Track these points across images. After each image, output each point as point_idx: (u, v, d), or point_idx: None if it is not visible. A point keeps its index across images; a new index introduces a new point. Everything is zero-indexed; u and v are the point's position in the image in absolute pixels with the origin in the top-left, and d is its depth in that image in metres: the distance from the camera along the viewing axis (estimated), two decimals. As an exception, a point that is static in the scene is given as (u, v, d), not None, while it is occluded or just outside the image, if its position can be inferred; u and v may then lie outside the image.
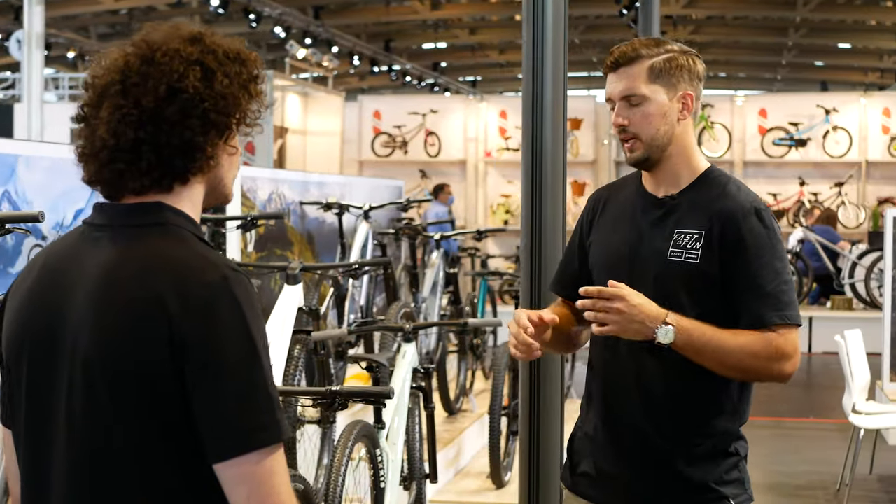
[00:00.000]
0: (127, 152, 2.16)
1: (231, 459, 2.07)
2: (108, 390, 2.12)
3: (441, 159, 19.54)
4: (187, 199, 2.25)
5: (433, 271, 9.14)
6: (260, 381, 2.10)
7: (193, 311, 2.08)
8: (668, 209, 3.29)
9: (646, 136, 3.26)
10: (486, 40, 27.16)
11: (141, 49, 2.20)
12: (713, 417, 3.24)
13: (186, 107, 2.17)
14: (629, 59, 3.27)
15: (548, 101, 5.02)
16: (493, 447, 7.50)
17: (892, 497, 8.43)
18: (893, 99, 19.96)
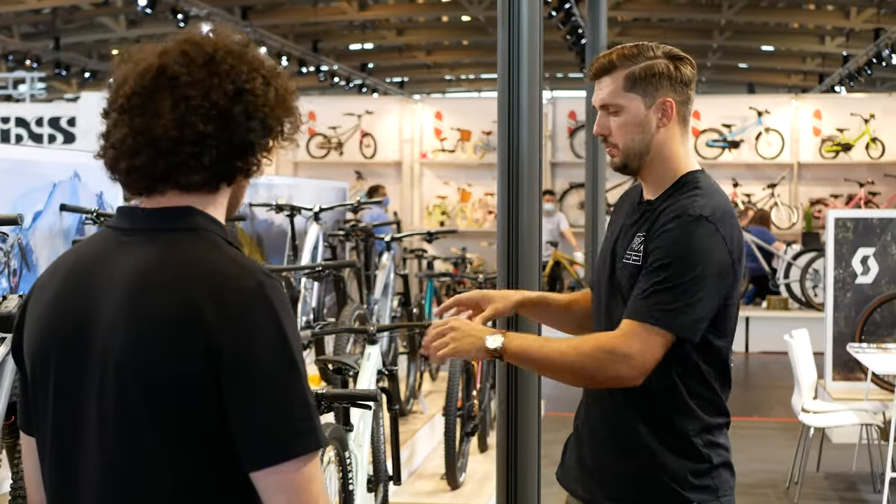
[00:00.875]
0: (192, 144, 2.15)
1: (269, 468, 2.06)
2: (142, 397, 2.10)
3: (376, 160, 19.50)
4: (218, 205, 2.25)
5: (384, 273, 9.11)
6: (297, 388, 2.09)
7: (230, 317, 2.07)
8: (640, 214, 3.34)
9: (622, 144, 3.31)
10: (414, 41, 27.17)
11: (203, 45, 2.19)
12: (670, 417, 3.26)
13: (250, 108, 2.17)
14: (606, 69, 3.32)
15: (524, 104, 5.01)
16: (448, 449, 7.50)
17: (840, 494, 8.56)
18: (824, 101, 20.25)
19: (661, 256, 3.15)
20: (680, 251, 3.13)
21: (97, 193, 6.87)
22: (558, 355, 3.17)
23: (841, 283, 10.47)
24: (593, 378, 3.20)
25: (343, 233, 9.07)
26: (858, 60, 21.54)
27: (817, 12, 23.23)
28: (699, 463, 3.27)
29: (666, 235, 3.16)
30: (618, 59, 3.30)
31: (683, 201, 3.22)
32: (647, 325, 3.10)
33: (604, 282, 3.38)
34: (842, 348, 10.25)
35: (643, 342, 3.10)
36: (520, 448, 5.05)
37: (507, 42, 5.06)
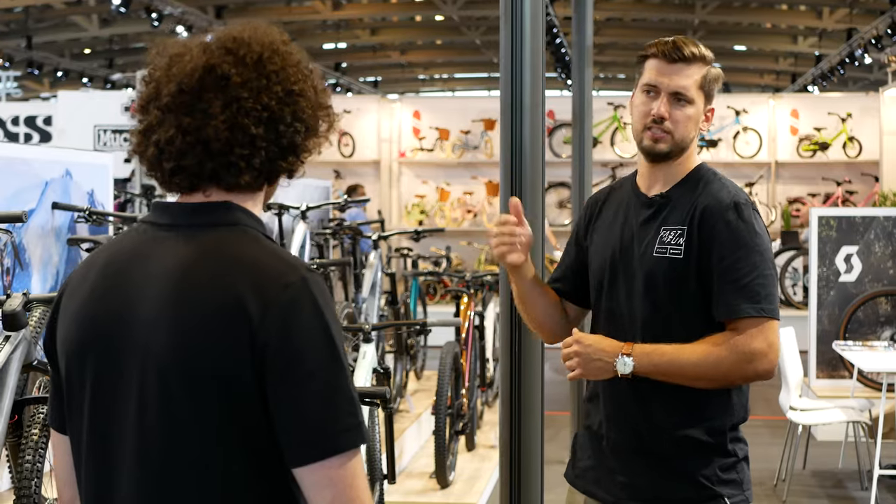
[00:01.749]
0: (243, 146, 2.14)
1: (314, 463, 2.05)
2: (185, 395, 2.08)
3: (355, 160, 19.44)
4: (257, 201, 2.24)
5: (371, 272, 9.10)
6: (342, 384, 2.08)
7: (274, 313, 2.06)
8: (657, 207, 3.36)
9: (679, 135, 3.32)
10: (387, 41, 27.13)
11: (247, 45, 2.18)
12: (704, 413, 3.29)
13: (297, 111, 2.17)
14: (690, 57, 3.34)
15: (526, 103, 5.00)
16: (438, 447, 7.50)
17: (827, 491, 8.59)
18: (801, 100, 20.32)
19: (736, 248, 3.21)
20: (749, 241, 3.21)
21: (88, 191, 6.83)
22: (691, 367, 3.19)
23: (824, 282, 10.51)
24: (729, 380, 3.24)
25: (330, 231, 9.04)
26: (831, 60, 21.64)
27: (790, 12, 23.34)
28: (726, 457, 3.30)
29: (730, 227, 3.22)
30: (705, 54, 3.36)
31: (717, 192, 3.29)
32: (760, 318, 3.17)
33: (621, 282, 3.37)
34: (826, 346, 10.29)
35: (766, 336, 3.18)
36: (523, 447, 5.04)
37: (510, 39, 5.04)
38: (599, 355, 3.24)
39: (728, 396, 3.31)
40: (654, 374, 3.21)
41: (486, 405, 10.06)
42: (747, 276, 3.19)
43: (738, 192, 3.31)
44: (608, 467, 3.40)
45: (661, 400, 3.28)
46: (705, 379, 3.20)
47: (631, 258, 3.35)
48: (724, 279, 3.20)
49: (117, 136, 15.09)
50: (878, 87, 18.96)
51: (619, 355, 3.21)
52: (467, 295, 9.07)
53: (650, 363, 3.20)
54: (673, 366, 3.18)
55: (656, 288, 3.27)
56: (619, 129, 18.72)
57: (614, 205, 3.50)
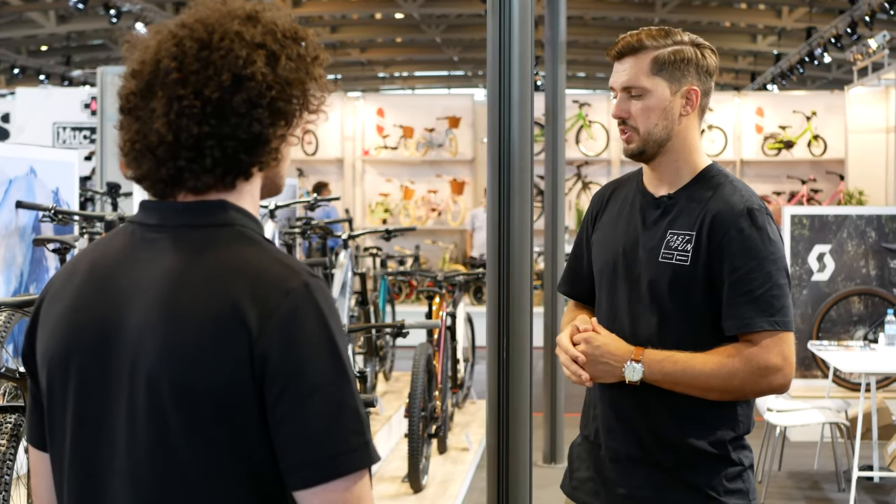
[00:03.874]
0: (189, 149, 1.93)
1: (317, 486, 1.87)
2: (177, 409, 1.90)
3: (318, 158, 19.28)
4: (248, 196, 2.03)
5: (342, 271, 8.94)
6: (348, 400, 1.90)
7: (275, 322, 1.87)
8: (664, 209, 3.21)
9: (643, 129, 3.18)
10: (348, 38, 27.01)
11: (196, 31, 1.96)
12: (709, 422, 3.15)
13: (253, 96, 1.94)
14: (633, 49, 3.19)
15: (515, 100, 4.88)
16: (412, 451, 7.35)
17: (805, 493, 8.52)
18: (767, 99, 20.37)
19: (749, 258, 3.07)
20: (763, 250, 3.08)
21: (53, 190, 6.64)
22: (704, 378, 3.05)
23: (797, 281, 10.45)
24: (743, 393, 3.10)
25: (298, 230, 8.87)
26: (790, 59, 21.71)
27: (749, 11, 23.43)
28: (732, 466, 3.18)
29: (743, 235, 3.08)
30: (647, 40, 3.18)
31: (729, 197, 3.14)
32: (775, 332, 3.04)
33: (623, 285, 3.22)
34: (799, 346, 10.18)
35: (781, 350, 3.04)
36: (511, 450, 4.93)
37: (498, 35, 4.92)
38: (608, 358, 3.11)
39: (734, 406, 3.17)
40: (663, 383, 3.08)
41: (457, 407, 9.93)
42: (761, 287, 3.04)
43: (751, 197, 3.16)
44: (607, 478, 3.27)
45: (665, 409, 3.15)
46: (718, 391, 3.06)
47: (635, 261, 3.21)
48: (737, 291, 3.05)
49: (77, 133, 14.86)
50: (839, 85, 19.02)
51: (629, 361, 3.08)
52: (439, 295, 8.94)
53: (661, 371, 3.07)
54: (685, 376, 3.05)
55: (660, 294, 3.13)
56: (584, 126, 18.67)
57: (619, 201, 3.36)
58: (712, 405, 3.13)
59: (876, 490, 8.53)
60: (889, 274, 10.40)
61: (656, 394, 3.13)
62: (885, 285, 10.40)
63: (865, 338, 10.06)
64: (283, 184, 2.14)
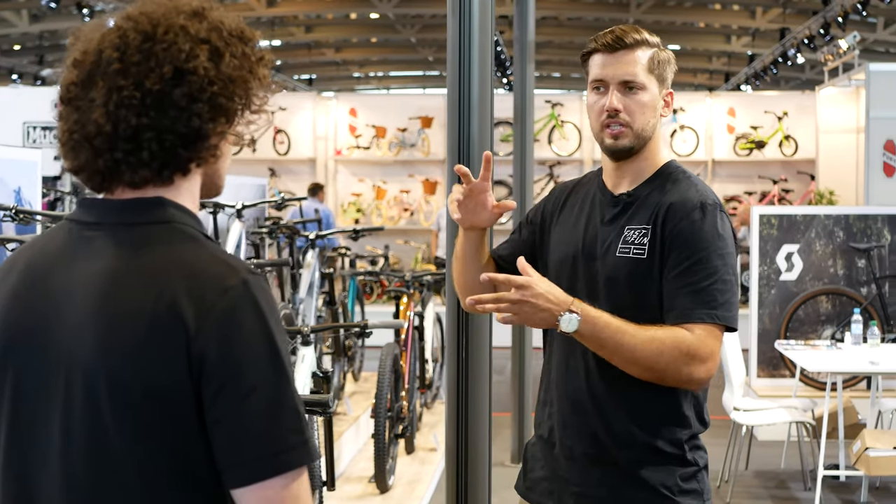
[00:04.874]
0: (127, 140, 1.93)
1: (255, 485, 1.87)
2: (113, 409, 1.89)
3: (290, 157, 19.22)
4: (187, 193, 2.02)
5: (309, 272, 8.91)
6: (287, 398, 1.90)
7: (212, 320, 1.87)
8: (622, 206, 3.21)
9: (637, 125, 3.16)
10: (322, 38, 26.96)
11: (140, 23, 1.96)
12: (664, 421, 3.15)
13: (194, 90, 1.94)
14: (632, 44, 3.17)
15: (475, 100, 4.87)
16: (378, 451, 7.34)
17: (771, 492, 8.54)
18: (738, 99, 20.41)
19: (697, 249, 3.05)
20: (712, 243, 3.07)
21: (15, 189, 6.60)
22: (631, 348, 2.96)
23: (765, 280, 10.48)
24: (663, 376, 3.01)
25: (266, 230, 8.83)
26: (764, 60, 21.77)
27: (723, 12, 23.48)
28: (687, 467, 3.17)
29: (693, 227, 3.06)
30: (646, 36, 3.19)
31: (684, 191, 3.16)
32: (713, 325, 3.00)
33: (582, 281, 3.20)
34: (766, 345, 10.27)
35: (713, 344, 3.00)
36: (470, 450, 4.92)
37: (458, 35, 4.91)
38: (548, 306, 2.95)
39: (690, 406, 3.17)
40: (592, 341, 2.99)
41: (426, 407, 9.92)
42: (705, 279, 3.02)
43: (707, 193, 3.17)
44: (562, 477, 3.25)
45: (621, 407, 3.14)
46: (640, 366, 2.99)
47: (593, 258, 3.20)
48: (681, 281, 3.03)
49: (47, 132, 14.79)
50: (812, 86, 19.08)
51: (567, 311, 2.95)
52: (407, 295, 8.92)
53: (593, 329, 2.96)
54: (613, 340, 2.96)
55: (618, 289, 3.11)
56: (556, 126, 18.68)
57: (579, 199, 3.35)
58: (668, 403, 3.13)
59: (842, 489, 8.56)
60: (856, 273, 10.44)
61: (613, 392, 3.13)
62: (852, 285, 10.44)
63: (833, 337, 10.09)
64: (223, 183, 2.13)
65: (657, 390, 3.10)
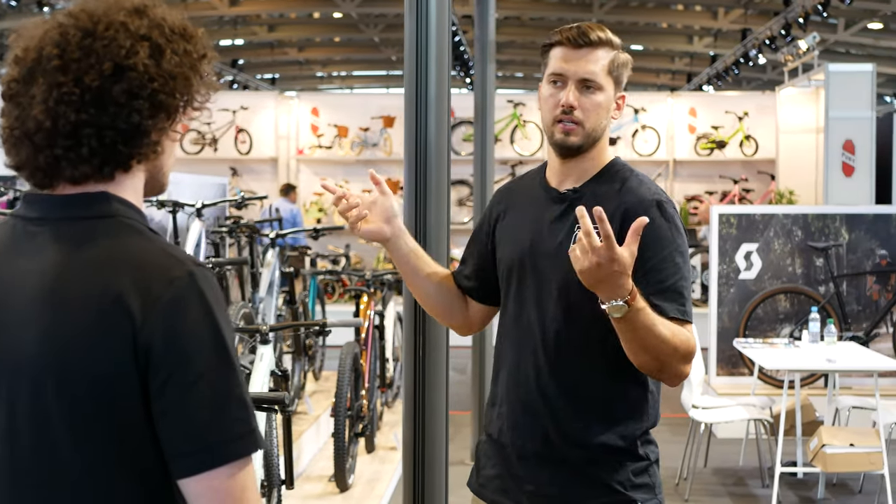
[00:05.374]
0: (66, 136, 1.94)
1: (201, 474, 1.89)
2: (60, 403, 1.90)
3: (252, 157, 19.17)
4: (131, 189, 2.04)
5: (269, 271, 8.90)
6: (233, 388, 1.92)
7: (158, 312, 1.89)
8: (569, 203, 3.20)
9: (589, 125, 3.17)
10: (285, 37, 26.89)
11: (80, 20, 1.97)
12: (616, 418, 3.17)
13: (134, 86, 1.96)
14: (596, 42, 3.16)
15: (432, 97, 4.88)
16: (338, 450, 7.35)
17: (729, 489, 8.59)
18: (699, 99, 20.52)
19: (661, 248, 3.08)
20: (673, 240, 3.10)
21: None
22: (657, 341, 2.91)
23: (724, 279, 10.55)
24: (663, 369, 3.00)
25: (226, 229, 8.82)
26: (726, 60, 21.87)
27: (686, 13, 23.56)
28: (638, 461, 3.19)
29: (654, 226, 3.04)
30: (611, 38, 3.19)
31: (637, 189, 3.18)
32: (685, 321, 3.05)
33: (531, 280, 3.21)
34: (726, 344, 10.33)
35: (693, 340, 3.06)
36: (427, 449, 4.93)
37: (415, 34, 4.91)
38: (613, 280, 2.82)
39: (644, 400, 3.19)
40: (627, 328, 2.91)
41: (387, 406, 9.93)
42: (671, 277, 3.06)
43: (656, 189, 3.20)
44: (514, 476, 3.26)
45: (572, 405, 3.16)
46: (653, 356, 2.95)
47: (542, 256, 3.20)
48: (650, 280, 3.05)
49: (6, 132, 14.71)
50: (773, 86, 19.19)
51: (624, 300, 2.86)
52: (367, 294, 8.93)
53: (635, 318, 2.88)
54: (650, 332, 2.90)
55: (571, 287, 3.12)
56: (518, 126, 18.72)
57: (522, 199, 3.35)
58: (621, 399, 3.15)
59: (799, 486, 8.62)
60: (815, 272, 10.52)
61: (562, 391, 3.15)
62: (810, 283, 10.52)
63: (791, 335, 10.17)
64: (167, 181, 2.14)
65: (613, 388, 3.14)
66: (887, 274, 10.57)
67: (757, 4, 21.16)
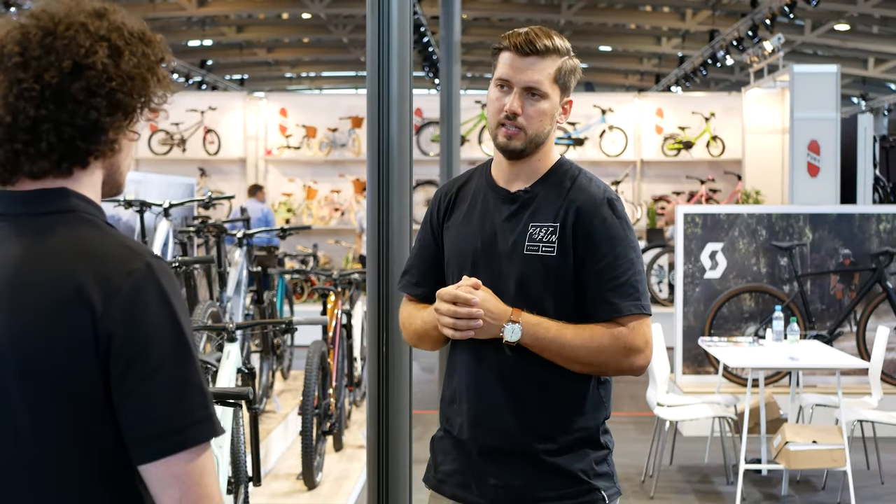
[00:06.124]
0: (26, 132, 2.00)
1: (161, 460, 1.94)
2: (24, 393, 1.95)
3: (220, 157, 19.18)
4: (88, 185, 2.09)
5: (237, 270, 8.92)
6: (191, 375, 1.98)
7: (118, 302, 1.94)
8: (521, 203, 3.27)
9: (532, 131, 3.24)
10: (254, 38, 26.88)
11: (41, 20, 2.03)
12: (578, 409, 3.24)
13: (92, 85, 2.02)
14: (543, 50, 3.22)
15: (394, 98, 4.93)
16: (305, 448, 7.38)
17: (694, 486, 8.65)
18: (666, 100, 20.63)
19: (615, 245, 3.18)
20: (625, 237, 3.20)
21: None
22: (573, 348, 3.13)
23: (690, 278, 10.62)
24: (605, 369, 3.20)
25: (194, 229, 8.83)
26: (694, 61, 21.99)
27: (654, 14, 23.69)
28: (599, 450, 3.27)
29: (606, 224, 3.17)
30: (558, 44, 3.24)
31: (587, 188, 3.26)
32: (641, 315, 3.17)
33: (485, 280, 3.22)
34: (691, 342, 10.40)
35: (645, 333, 3.18)
36: (391, 447, 4.97)
37: (377, 35, 4.95)
38: (486, 316, 3.14)
39: (605, 391, 3.28)
40: (535, 347, 3.14)
41: (355, 405, 9.96)
42: (625, 273, 3.16)
43: (606, 187, 3.29)
44: (477, 471, 3.30)
45: (538, 400, 3.21)
46: (582, 363, 3.15)
47: (496, 255, 3.25)
48: (605, 277, 3.15)
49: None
50: (740, 87, 19.30)
51: (508, 321, 3.12)
52: (334, 293, 8.96)
53: (534, 335, 3.12)
54: (555, 343, 3.12)
55: (529, 285, 3.19)
56: (486, 127, 18.72)
57: (468, 198, 3.39)
58: (585, 392, 3.22)
59: (763, 482, 8.69)
60: (779, 271, 10.61)
61: (528, 386, 3.20)
62: (774, 282, 10.60)
63: (756, 334, 10.24)
64: (124, 181, 2.20)
65: (577, 381, 3.21)
66: (851, 273, 10.67)
67: (724, 6, 21.30)
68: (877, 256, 10.56)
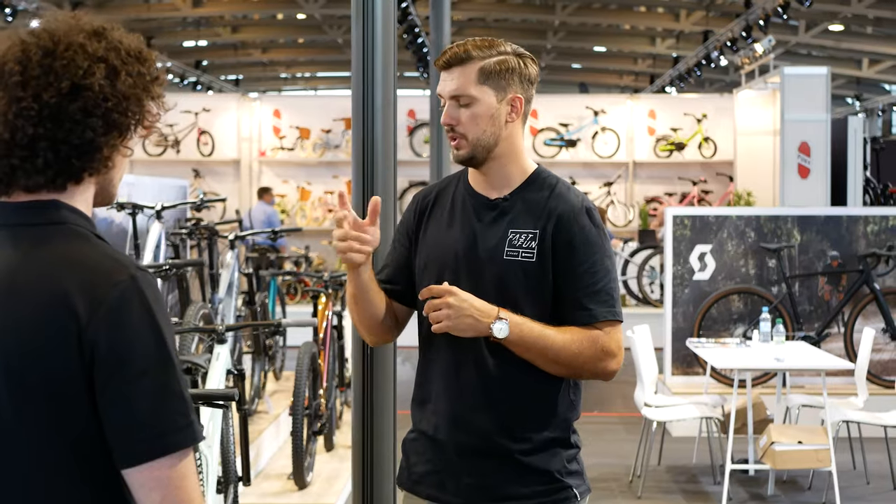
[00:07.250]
0: (23, 148, 2.07)
1: (143, 464, 2.01)
2: (11, 398, 2.02)
3: (214, 159, 19.23)
4: (80, 199, 2.16)
5: (228, 272, 8.98)
6: (173, 383, 2.05)
7: (103, 311, 2.01)
8: (501, 210, 3.34)
9: (472, 136, 3.29)
10: (249, 38, 26.92)
11: (42, 39, 2.10)
12: (552, 411, 3.31)
13: (89, 105, 2.09)
14: (460, 60, 3.29)
15: (378, 100, 4.99)
16: (296, 448, 7.44)
17: (681, 486, 8.72)
18: (658, 101, 20.69)
19: (592, 252, 3.27)
20: (601, 245, 3.30)
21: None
22: (555, 350, 3.22)
23: (679, 280, 10.69)
24: (580, 372, 3.28)
25: (186, 231, 8.89)
26: (688, 62, 22.05)
27: (648, 14, 23.74)
28: (570, 449, 3.35)
29: (584, 232, 3.27)
30: (473, 51, 3.30)
31: (565, 195, 3.34)
32: (615, 321, 3.28)
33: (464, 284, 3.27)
34: (680, 343, 10.45)
35: (619, 339, 3.28)
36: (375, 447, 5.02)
37: (362, 37, 5.02)
38: (472, 312, 3.18)
39: (577, 392, 3.36)
40: (519, 345, 3.21)
41: (346, 405, 10.01)
42: (601, 280, 3.26)
43: (584, 196, 3.37)
44: (452, 471, 3.35)
45: (516, 401, 3.28)
46: (560, 365, 3.23)
47: (476, 260, 3.31)
48: (582, 283, 3.24)
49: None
50: (734, 88, 19.37)
51: (497, 318, 3.19)
52: (325, 294, 9.01)
53: (520, 334, 3.20)
54: (538, 344, 3.20)
55: (509, 289, 3.26)
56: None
57: (446, 204, 3.44)
58: (560, 393, 3.30)
59: (750, 482, 8.76)
60: (767, 273, 10.68)
61: (506, 387, 3.27)
62: (763, 284, 10.67)
63: (744, 335, 10.30)
64: (116, 192, 2.27)
65: (549, 383, 3.28)
66: (838, 275, 10.74)
67: (718, 6, 21.35)
68: (864, 258, 10.63)
